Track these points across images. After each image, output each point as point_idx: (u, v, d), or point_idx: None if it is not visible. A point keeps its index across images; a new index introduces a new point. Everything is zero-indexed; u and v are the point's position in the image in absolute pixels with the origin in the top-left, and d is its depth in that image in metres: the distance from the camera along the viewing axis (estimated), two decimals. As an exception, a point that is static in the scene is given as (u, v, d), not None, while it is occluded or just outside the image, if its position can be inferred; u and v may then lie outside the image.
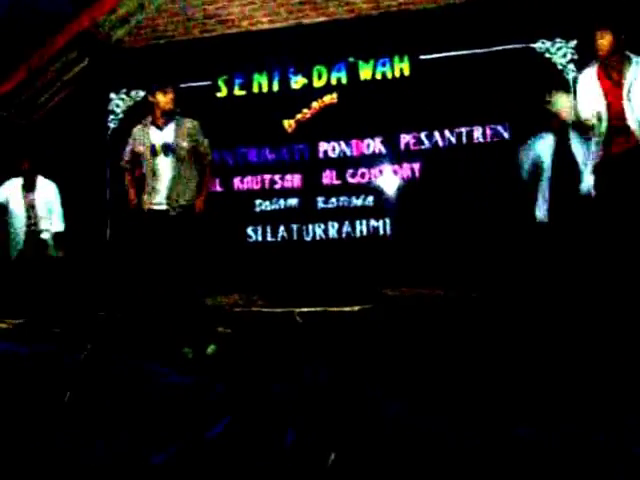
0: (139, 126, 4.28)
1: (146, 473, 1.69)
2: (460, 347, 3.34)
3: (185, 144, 4.15)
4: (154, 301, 4.42)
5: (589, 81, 3.82)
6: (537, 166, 4.20)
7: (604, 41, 3.70)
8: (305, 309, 5.04)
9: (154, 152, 4.15)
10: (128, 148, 4.33)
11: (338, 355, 3.36)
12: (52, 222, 5.44)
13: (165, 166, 4.15)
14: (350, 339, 3.87)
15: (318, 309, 5.04)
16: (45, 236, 5.42)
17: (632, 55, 3.71)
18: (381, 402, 2.32)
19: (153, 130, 4.19)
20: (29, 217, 5.34)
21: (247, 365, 3.35)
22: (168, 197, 4.13)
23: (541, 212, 4.12)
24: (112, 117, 6.38)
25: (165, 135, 4.17)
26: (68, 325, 4.86)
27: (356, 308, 4.96)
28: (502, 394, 2.37)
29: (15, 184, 5.39)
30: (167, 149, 4.14)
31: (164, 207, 4.15)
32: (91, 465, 1.75)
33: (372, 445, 1.84)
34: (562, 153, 3.82)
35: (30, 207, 5.35)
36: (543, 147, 4.19)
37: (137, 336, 4.20)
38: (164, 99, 4.13)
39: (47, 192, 5.45)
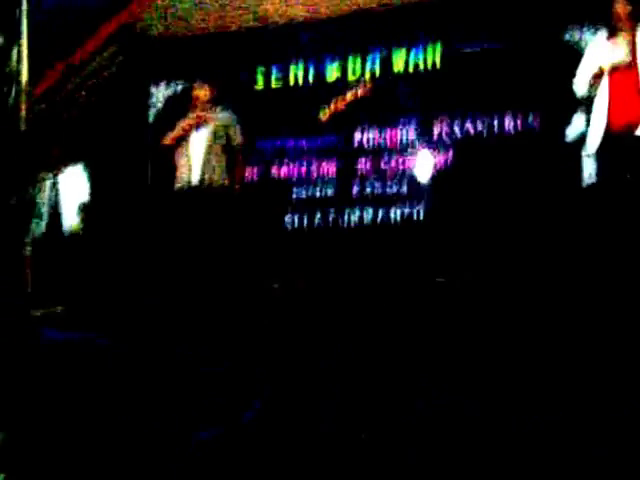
0: (181, 119, 4.74)
1: (195, 447, 1.83)
2: (493, 331, 3.44)
3: (218, 128, 4.59)
4: (194, 286, 4.62)
5: (600, 47, 3.89)
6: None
7: (622, 7, 3.78)
8: (339, 294, 5.18)
9: (190, 130, 4.59)
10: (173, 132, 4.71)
11: (370, 337, 3.49)
12: (78, 197, 5.59)
13: (197, 144, 4.57)
14: (382, 323, 3.98)
15: (352, 294, 5.16)
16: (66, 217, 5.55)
17: None
18: (415, 384, 2.42)
19: (192, 115, 4.67)
20: (53, 203, 5.51)
21: (285, 347, 3.49)
22: (200, 174, 4.47)
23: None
24: (151, 109, 6.58)
25: (202, 125, 4.63)
26: (113, 312, 5.04)
27: (386, 293, 5.08)
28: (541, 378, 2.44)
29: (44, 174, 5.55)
30: (201, 129, 4.58)
31: (197, 183, 4.48)
32: (147, 441, 1.88)
33: (403, 426, 1.95)
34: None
35: (55, 194, 5.52)
36: None
37: (180, 322, 4.37)
38: (201, 93, 4.66)
39: (73, 175, 5.61)
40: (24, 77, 1.96)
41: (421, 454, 1.74)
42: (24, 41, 1.99)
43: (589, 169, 3.91)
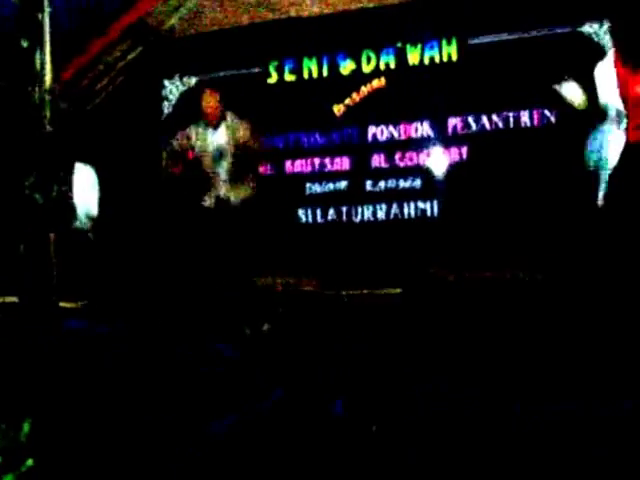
0: (192, 127, 4.54)
1: (207, 440, 1.84)
2: (506, 328, 3.44)
3: (237, 144, 4.42)
4: (210, 282, 4.64)
5: (606, 68, 3.94)
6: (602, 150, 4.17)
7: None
8: (352, 291, 5.18)
9: (208, 155, 4.45)
10: (176, 145, 4.62)
11: (382, 334, 3.50)
12: (87, 204, 5.63)
13: (219, 167, 4.45)
14: (394, 320, 3.99)
15: (365, 291, 5.16)
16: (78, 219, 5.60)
17: None
18: (420, 378, 2.44)
19: (206, 131, 4.48)
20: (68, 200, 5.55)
21: (299, 341, 3.51)
22: (224, 194, 4.43)
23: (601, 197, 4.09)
24: (166, 103, 6.59)
25: (218, 137, 4.46)
26: (134, 306, 5.07)
27: (397, 290, 5.06)
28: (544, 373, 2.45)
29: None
30: (220, 152, 4.43)
31: (219, 203, 4.46)
32: (160, 433, 1.90)
33: (410, 417, 1.97)
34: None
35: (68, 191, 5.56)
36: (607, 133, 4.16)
37: (198, 316, 4.39)
38: (210, 101, 4.43)
39: (83, 178, 5.64)
40: (48, 78, 1.98)
41: (429, 448, 1.76)
42: (47, 44, 2.01)
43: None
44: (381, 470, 1.64)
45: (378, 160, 6.05)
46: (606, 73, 3.90)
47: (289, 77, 6.29)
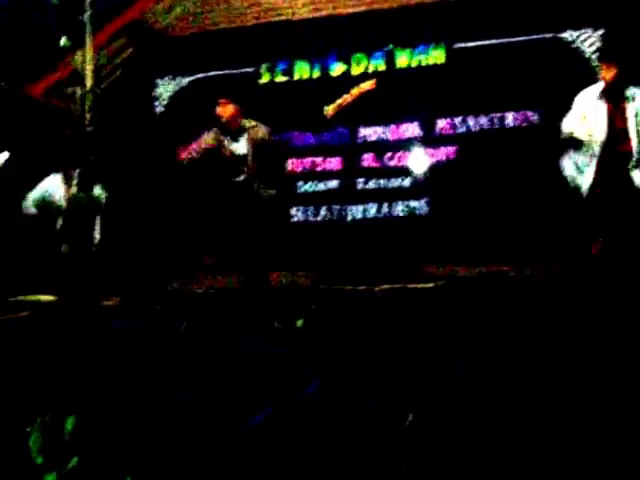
0: (212, 133, 4.53)
1: (243, 433, 1.91)
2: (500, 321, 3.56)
3: (257, 152, 4.48)
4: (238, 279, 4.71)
5: (593, 101, 4.21)
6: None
7: (608, 71, 4.12)
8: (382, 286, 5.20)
9: (230, 160, 4.48)
10: (198, 145, 4.59)
11: (409, 327, 3.59)
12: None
13: (241, 171, 4.48)
14: (421, 314, 4.07)
15: (397, 286, 5.19)
16: None
17: (631, 86, 4.15)
18: (451, 367, 2.53)
19: (228, 140, 4.50)
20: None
21: (331, 336, 3.56)
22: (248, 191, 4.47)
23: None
24: (158, 102, 6.66)
25: (239, 147, 4.49)
26: (167, 302, 5.07)
27: (428, 285, 5.13)
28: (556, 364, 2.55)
29: (56, 179, 5.48)
30: (242, 160, 4.46)
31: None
32: (196, 427, 1.96)
33: (444, 405, 2.07)
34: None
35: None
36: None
37: (232, 311, 4.45)
38: (224, 112, 4.45)
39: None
40: (89, 79, 2.08)
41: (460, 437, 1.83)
42: (88, 45, 2.11)
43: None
44: (414, 460, 1.70)
45: (368, 160, 6.21)
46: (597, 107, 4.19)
47: (280, 78, 6.42)
